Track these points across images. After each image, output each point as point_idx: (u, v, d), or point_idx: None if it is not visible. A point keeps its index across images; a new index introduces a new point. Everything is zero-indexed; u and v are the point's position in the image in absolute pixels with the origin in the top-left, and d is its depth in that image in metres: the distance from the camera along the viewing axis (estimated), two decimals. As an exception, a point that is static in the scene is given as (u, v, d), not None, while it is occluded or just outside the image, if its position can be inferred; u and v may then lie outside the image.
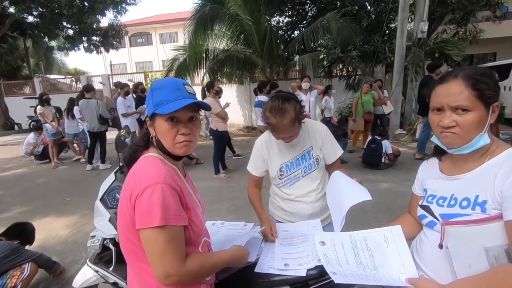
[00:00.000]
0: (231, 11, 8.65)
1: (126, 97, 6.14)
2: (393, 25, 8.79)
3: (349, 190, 1.25)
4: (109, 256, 1.48)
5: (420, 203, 1.01)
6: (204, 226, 1.02)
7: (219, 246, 1.29)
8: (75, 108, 6.17)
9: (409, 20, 8.32)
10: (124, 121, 6.02)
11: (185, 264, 0.84)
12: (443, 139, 0.88)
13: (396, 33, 7.83)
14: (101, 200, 1.54)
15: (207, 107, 0.96)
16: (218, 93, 5.41)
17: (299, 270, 1.09)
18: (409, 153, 5.84)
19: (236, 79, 10.43)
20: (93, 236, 1.57)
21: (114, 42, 13.96)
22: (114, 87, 6.40)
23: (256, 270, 1.13)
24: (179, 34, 23.87)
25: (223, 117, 5.05)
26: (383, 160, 5.13)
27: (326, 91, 6.57)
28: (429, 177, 1.02)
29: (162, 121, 0.89)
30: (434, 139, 0.94)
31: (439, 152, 1.00)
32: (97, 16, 12.58)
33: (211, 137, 5.39)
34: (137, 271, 0.91)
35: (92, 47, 13.90)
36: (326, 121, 6.36)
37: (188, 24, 8.80)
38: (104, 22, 13.52)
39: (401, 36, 7.59)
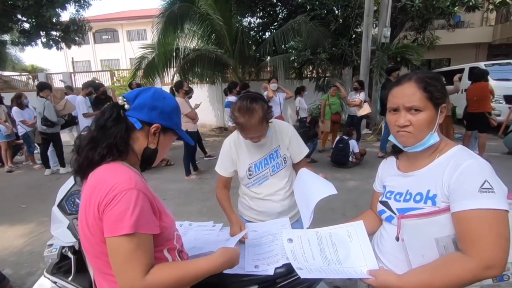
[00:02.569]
0: (202, 10, 8.53)
1: (87, 97, 5.80)
2: (359, 30, 9.19)
3: (315, 186, 1.30)
4: (68, 265, 1.38)
5: (379, 199, 1.07)
6: (174, 222, 1.00)
7: (187, 249, 1.27)
8: (14, 108, 5.68)
9: (374, 25, 8.76)
10: (84, 121, 5.63)
11: (150, 276, 0.78)
12: (399, 138, 0.95)
13: (362, 38, 8.19)
14: (59, 206, 1.43)
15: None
16: (188, 93, 5.31)
17: (268, 269, 1.10)
18: (374, 152, 6.13)
19: (207, 79, 10.29)
20: (51, 245, 1.46)
21: (77, 38, 13.11)
22: (84, 88, 5.92)
23: (225, 271, 1.12)
24: (147, 32, 23.06)
25: (193, 117, 4.97)
26: (350, 159, 5.34)
27: (299, 92, 6.75)
28: (387, 174, 1.08)
29: (172, 138, 1.00)
30: (391, 138, 1.00)
31: (396, 151, 1.06)
32: (57, 9, 11.74)
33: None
34: (109, 280, 0.86)
35: (51, 43, 12.93)
36: (303, 121, 6.53)
37: (156, 22, 8.53)
38: (66, 16, 12.62)
39: (366, 41, 7.96)
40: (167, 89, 8.48)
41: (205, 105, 9.58)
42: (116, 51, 24.58)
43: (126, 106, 0.90)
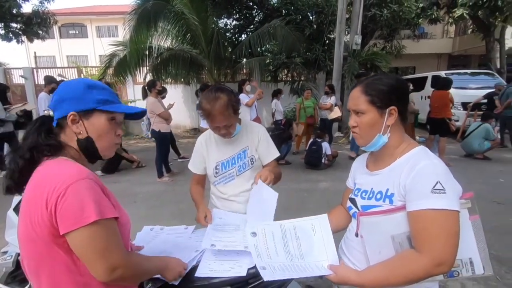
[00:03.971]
0: (176, 9, 8.36)
1: (51, 94, 5.45)
2: (332, 36, 9.52)
3: (260, 201, 1.32)
4: (24, 274, 1.28)
5: (349, 196, 1.11)
6: (130, 224, 0.97)
7: (161, 251, 1.23)
8: None
9: (346, 32, 9.11)
10: None
11: (129, 254, 0.81)
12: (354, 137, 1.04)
13: (335, 44, 8.48)
14: (15, 209, 1.34)
15: (139, 118, 1.02)
16: (161, 92, 5.17)
17: (239, 271, 1.08)
18: (345, 154, 6.35)
19: (182, 79, 10.10)
20: (5, 252, 1.36)
21: (40, 32, 12.28)
22: (47, 84, 5.56)
23: (197, 274, 1.09)
24: (119, 29, 22.20)
25: (167, 118, 4.84)
26: (323, 160, 5.49)
27: (276, 95, 6.86)
28: (358, 172, 1.13)
29: (103, 119, 0.88)
30: None
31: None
32: (18, 0, 10.95)
33: (153, 139, 5.11)
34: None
35: (11, 35, 12.01)
36: (278, 124, 6.60)
37: (129, 19, 8.24)
38: (28, 7, 11.76)
39: (339, 47, 8.25)
40: (139, 88, 8.25)
41: (179, 106, 9.39)
42: (84, 47, 23.36)
43: (52, 113, 0.91)
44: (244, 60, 10.05)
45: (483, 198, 3.75)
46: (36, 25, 11.89)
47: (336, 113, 6.61)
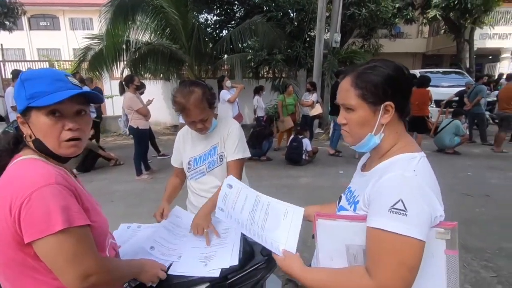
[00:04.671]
0: (155, 2, 8.13)
1: None
2: (312, 34, 9.62)
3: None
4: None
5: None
6: (108, 226, 0.93)
7: (135, 252, 1.20)
8: None
9: (326, 30, 9.24)
10: (15, 116, 5.03)
11: (103, 260, 0.78)
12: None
13: (315, 41, 8.59)
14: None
15: (98, 99, 0.86)
16: (139, 88, 5.02)
17: (213, 271, 1.07)
18: (325, 150, 6.47)
19: (161, 75, 9.86)
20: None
21: (7, 22, 11.55)
22: (15, 78, 5.27)
23: (170, 272, 1.07)
24: (94, 21, 21.25)
25: (145, 114, 4.72)
26: (304, 157, 5.57)
27: (258, 92, 6.87)
28: (357, 170, 1.04)
29: (41, 116, 0.76)
30: None
31: None
32: (-18, -12, 10.23)
33: (131, 136, 4.96)
34: None
35: (-26, 26, 11.23)
36: (259, 120, 6.60)
37: (104, 11, 7.91)
38: (-8, -4, 11.03)
39: (319, 44, 8.35)
40: (115, 84, 7.96)
41: (159, 102, 9.15)
42: (56, 40, 22.19)
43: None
44: (225, 56, 9.95)
45: (454, 191, 3.97)
46: (2, 16, 11.15)
47: (317, 110, 6.72)
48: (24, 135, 0.82)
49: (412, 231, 0.68)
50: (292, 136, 5.95)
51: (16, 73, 5.43)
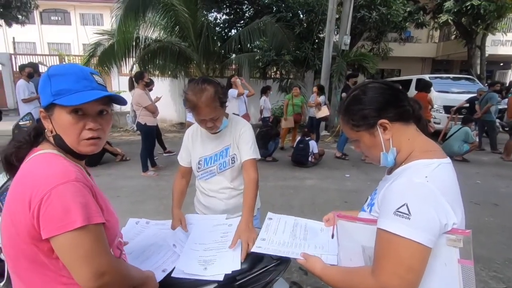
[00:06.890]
0: (166, 0, 8.18)
1: (30, 80, 5.22)
2: (322, 35, 9.58)
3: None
4: (1, 268, 1.23)
5: None
6: (119, 225, 0.93)
7: (144, 248, 1.20)
8: None
9: (335, 32, 9.20)
10: (26, 108, 5.08)
11: (116, 260, 0.78)
12: None
13: (324, 43, 8.54)
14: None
15: (122, 101, 0.87)
16: (148, 85, 5.04)
17: (216, 275, 1.06)
18: (332, 153, 6.43)
19: (169, 72, 9.90)
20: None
21: (20, 16, 11.71)
22: (21, 70, 5.35)
23: (173, 274, 1.06)
24: (104, 17, 21.49)
25: (153, 111, 4.73)
26: (310, 159, 5.54)
27: (265, 92, 6.86)
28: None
29: (64, 113, 0.78)
30: None
31: None
32: (-4, -19, 10.38)
33: (138, 132, 4.99)
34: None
35: (-13, 18, 11.40)
36: (265, 121, 6.58)
37: (116, 7, 7.97)
38: (6, -10, 11.16)
39: (328, 46, 8.31)
40: (124, 80, 7.98)
41: (166, 99, 9.21)
42: (67, 35, 22.48)
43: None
44: (234, 55, 9.96)
45: (462, 199, 3.90)
46: (15, 9, 11.32)
47: (324, 112, 6.66)
48: (45, 129, 0.82)
49: (413, 234, 0.70)
50: (298, 138, 5.93)
51: (23, 66, 5.48)
